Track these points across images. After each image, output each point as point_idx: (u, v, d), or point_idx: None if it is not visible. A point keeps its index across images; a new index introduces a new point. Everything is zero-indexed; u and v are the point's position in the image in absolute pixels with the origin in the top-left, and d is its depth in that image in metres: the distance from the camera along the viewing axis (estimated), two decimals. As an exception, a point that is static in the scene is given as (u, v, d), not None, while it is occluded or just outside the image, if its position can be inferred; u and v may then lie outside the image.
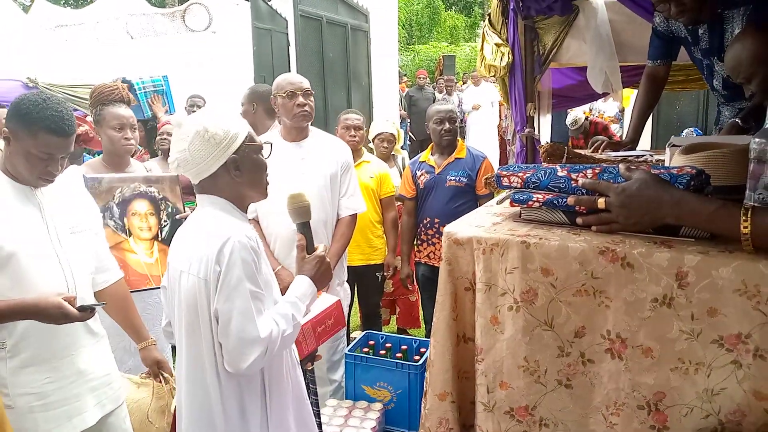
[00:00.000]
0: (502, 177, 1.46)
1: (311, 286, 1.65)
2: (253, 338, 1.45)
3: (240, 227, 1.53)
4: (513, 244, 1.32)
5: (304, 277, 1.65)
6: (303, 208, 1.71)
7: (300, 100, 2.74)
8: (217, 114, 1.60)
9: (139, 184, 2.71)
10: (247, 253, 1.48)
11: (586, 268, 1.23)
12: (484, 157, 3.50)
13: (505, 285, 1.33)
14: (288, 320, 1.54)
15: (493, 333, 1.36)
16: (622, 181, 1.25)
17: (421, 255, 3.56)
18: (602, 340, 1.24)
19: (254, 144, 1.61)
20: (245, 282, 1.46)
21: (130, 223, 2.67)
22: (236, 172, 1.57)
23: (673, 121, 6.87)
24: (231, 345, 1.47)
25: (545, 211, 1.40)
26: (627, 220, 1.24)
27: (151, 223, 2.72)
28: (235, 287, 1.46)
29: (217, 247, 1.47)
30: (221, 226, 1.53)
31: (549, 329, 1.29)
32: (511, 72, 3.27)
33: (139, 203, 2.71)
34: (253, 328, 1.46)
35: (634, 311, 1.19)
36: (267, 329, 1.47)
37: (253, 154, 1.60)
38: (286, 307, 1.57)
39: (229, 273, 1.46)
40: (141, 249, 2.68)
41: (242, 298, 1.46)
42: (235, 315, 1.46)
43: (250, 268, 1.48)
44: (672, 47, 2.49)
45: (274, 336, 1.48)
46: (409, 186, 3.56)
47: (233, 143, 1.55)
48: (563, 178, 1.35)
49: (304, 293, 1.62)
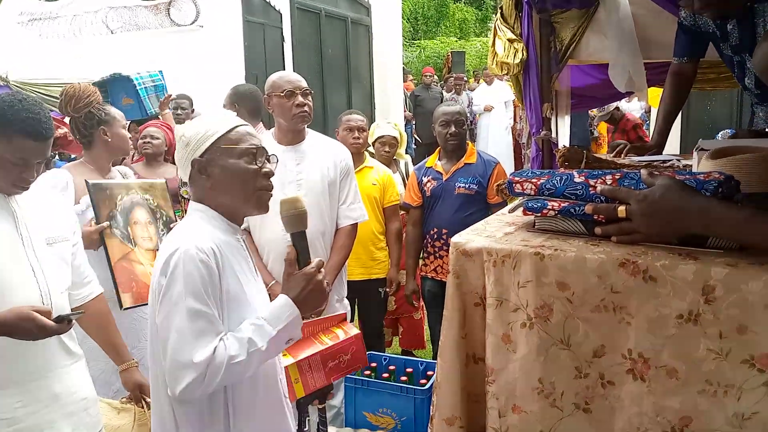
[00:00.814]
0: (514, 183, 1.48)
1: (290, 308, 1.55)
2: (186, 362, 1.43)
3: (197, 238, 1.51)
4: (526, 255, 1.33)
5: (283, 297, 1.57)
6: (298, 216, 1.62)
7: (299, 99, 2.77)
8: (205, 116, 1.65)
9: (135, 191, 2.76)
10: (193, 266, 1.46)
11: (605, 281, 1.25)
12: (496, 162, 3.53)
13: (518, 300, 1.35)
14: (242, 345, 1.47)
15: (505, 352, 1.37)
16: (645, 188, 1.27)
17: (428, 269, 3.58)
18: (623, 360, 1.25)
19: (233, 147, 1.58)
20: (187, 298, 1.45)
21: (133, 233, 2.70)
22: (203, 177, 1.59)
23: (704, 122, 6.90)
24: (167, 366, 1.47)
25: (561, 220, 1.42)
26: (649, 230, 1.25)
27: (151, 232, 2.75)
28: (175, 303, 1.46)
29: (164, 258, 1.50)
30: (179, 235, 1.56)
31: (565, 348, 1.30)
32: (526, 70, 3.29)
33: (139, 211, 2.75)
34: (187, 350, 1.43)
35: (658, 329, 1.21)
36: (205, 353, 1.43)
37: (229, 157, 1.58)
38: (246, 330, 1.51)
39: (172, 287, 1.47)
40: (147, 260, 2.71)
41: (180, 316, 1.45)
42: (172, 334, 1.45)
43: (196, 283, 1.46)
44: (699, 43, 2.51)
45: (216, 362, 1.43)
46: (414, 194, 3.59)
47: (201, 145, 1.58)
48: (581, 184, 1.37)
49: (277, 316, 1.53)
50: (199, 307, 1.46)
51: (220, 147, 1.58)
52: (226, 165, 1.58)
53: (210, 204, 1.62)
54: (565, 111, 3.62)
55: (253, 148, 1.61)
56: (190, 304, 1.45)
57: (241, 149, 1.60)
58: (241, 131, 1.62)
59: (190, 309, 1.45)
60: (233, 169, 1.59)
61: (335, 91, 7.62)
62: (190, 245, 1.49)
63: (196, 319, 1.45)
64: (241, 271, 1.61)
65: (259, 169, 1.61)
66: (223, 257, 1.54)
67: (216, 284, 1.50)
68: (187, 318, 1.45)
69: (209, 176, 1.59)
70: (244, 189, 1.60)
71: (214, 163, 1.58)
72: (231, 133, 1.61)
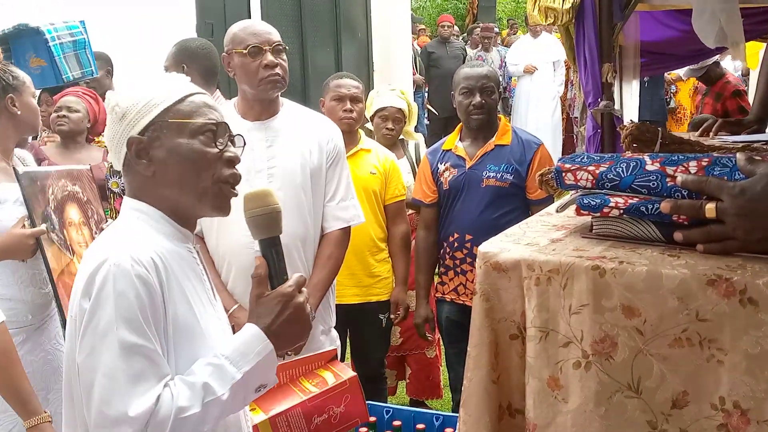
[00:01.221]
0: (564, 173, 1.49)
1: (261, 341, 1.53)
2: (118, 416, 1.40)
3: (133, 246, 1.51)
4: (581, 270, 1.34)
5: (251, 327, 1.55)
6: (269, 216, 1.59)
7: (268, 58, 2.78)
8: (147, 81, 1.63)
9: (66, 181, 2.77)
10: (127, 284, 1.45)
11: (688, 306, 1.25)
12: (539, 144, 3.54)
13: (570, 331, 1.35)
14: (195, 393, 1.46)
15: (553, 402, 1.37)
16: (742, 179, 1.27)
17: (446, 289, 3.59)
18: (713, 412, 1.25)
19: (185, 122, 1.57)
20: (119, 328, 1.43)
21: (69, 237, 2.72)
22: (143, 162, 1.58)
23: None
24: (91, 421, 1.44)
25: (628, 223, 1.42)
26: (749, 236, 1.26)
27: (86, 235, 2.78)
28: (103, 334, 1.44)
29: (87, 274, 1.49)
30: (107, 243, 1.55)
31: (635, 396, 1.30)
32: (579, 18, 3.31)
33: (72, 209, 2.77)
34: (120, 400, 1.40)
35: (761, 370, 1.21)
36: (144, 404, 1.40)
37: (179, 136, 1.57)
38: (201, 372, 1.49)
39: (98, 312, 1.45)
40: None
41: (110, 353, 1.42)
42: (98, 377, 1.42)
43: (131, 307, 1.44)
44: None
45: (160, 416, 1.41)
46: (427, 187, 3.60)
47: (142, 118, 1.57)
48: (654, 173, 1.38)
49: (242, 352, 1.51)
50: (135, 339, 1.44)
51: (166, 121, 1.57)
52: (175, 146, 1.57)
53: (151, 200, 1.61)
54: (632, 74, 3.64)
55: (213, 124, 1.60)
56: (123, 336, 1.43)
57: (197, 125, 1.58)
58: (196, 101, 1.61)
59: (124, 343, 1.43)
60: (185, 153, 1.57)
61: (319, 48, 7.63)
62: (123, 256, 1.47)
63: (131, 357, 1.43)
64: (193, 291, 1.61)
65: (219, 153, 1.60)
66: (169, 272, 1.53)
67: (158, 308, 1.49)
68: (120, 355, 1.43)
69: (151, 161, 1.58)
70: (199, 180, 1.59)
71: (159, 143, 1.57)
72: (183, 104, 1.59)
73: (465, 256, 3.47)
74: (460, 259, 3.51)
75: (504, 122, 3.60)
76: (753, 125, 2.54)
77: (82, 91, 4.29)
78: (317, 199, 2.91)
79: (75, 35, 4.72)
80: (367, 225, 3.31)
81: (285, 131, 2.88)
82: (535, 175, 3.34)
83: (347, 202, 2.99)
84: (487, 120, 3.49)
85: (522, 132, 3.65)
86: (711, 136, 2.43)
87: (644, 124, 2.05)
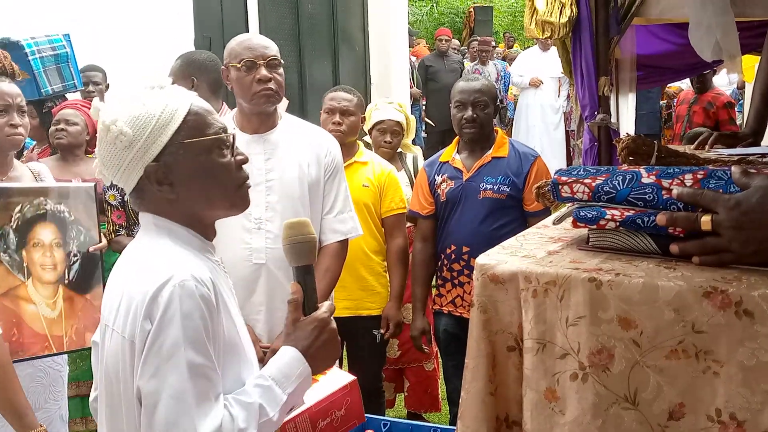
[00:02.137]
0: (561, 185, 1.49)
1: (301, 364, 1.56)
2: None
3: (188, 263, 1.51)
4: (577, 282, 1.34)
5: (291, 350, 1.57)
6: (306, 245, 1.64)
7: (262, 73, 2.79)
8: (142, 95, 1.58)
9: (45, 199, 2.73)
10: (193, 304, 1.44)
11: (684, 317, 1.26)
12: (536, 156, 3.55)
13: (567, 343, 1.36)
14: (251, 414, 1.47)
15: (550, 414, 1.38)
16: (737, 191, 1.28)
17: (443, 301, 3.59)
18: (710, 423, 1.26)
19: (197, 140, 1.56)
20: (186, 349, 1.42)
21: (29, 258, 2.67)
22: (164, 187, 1.55)
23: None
24: None
25: (624, 235, 1.43)
26: (744, 248, 1.26)
27: (57, 258, 2.74)
28: (168, 357, 1.42)
29: (149, 295, 1.45)
30: (159, 260, 1.52)
31: (631, 408, 1.31)
32: (576, 32, 3.32)
33: (44, 229, 2.72)
34: (189, 421, 1.40)
35: (756, 381, 1.21)
36: (212, 425, 1.42)
37: (197, 154, 1.56)
38: (254, 393, 1.51)
39: (162, 333, 1.43)
40: (41, 297, 2.69)
41: (178, 374, 1.41)
42: (164, 398, 1.41)
43: (197, 328, 1.44)
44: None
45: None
46: (424, 199, 3.60)
47: (152, 144, 1.53)
48: (650, 186, 1.39)
49: (287, 374, 1.54)
50: (202, 360, 1.44)
51: (181, 143, 1.55)
52: (196, 166, 1.56)
53: (174, 218, 1.59)
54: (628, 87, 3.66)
55: (221, 132, 1.60)
56: (190, 357, 1.42)
57: (209, 141, 1.57)
58: (198, 111, 1.58)
59: (192, 364, 1.42)
60: (207, 170, 1.57)
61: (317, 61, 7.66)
62: (186, 275, 1.46)
63: (198, 379, 1.43)
64: (232, 306, 1.62)
65: (234, 159, 1.62)
66: (218, 290, 1.53)
67: (217, 328, 1.50)
68: (189, 377, 1.41)
69: (172, 185, 1.56)
70: (225, 192, 1.61)
71: (178, 167, 1.55)
72: (189, 119, 1.56)
73: (462, 268, 3.47)
74: (457, 271, 3.51)
75: (501, 134, 3.60)
76: (748, 138, 2.55)
77: (81, 103, 4.30)
78: (315, 212, 2.91)
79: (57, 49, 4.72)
80: (359, 237, 3.31)
81: (283, 144, 2.89)
82: (532, 187, 3.36)
83: (345, 215, 2.99)
84: (481, 133, 3.49)
85: (519, 144, 3.67)
86: (707, 149, 2.45)
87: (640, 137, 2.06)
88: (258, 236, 2.78)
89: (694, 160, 2.04)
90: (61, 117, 4.00)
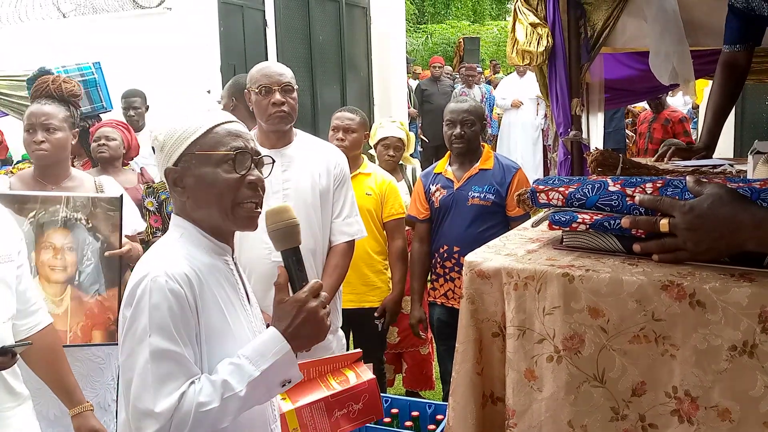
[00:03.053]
0: (538, 193, 1.50)
1: (278, 342, 1.51)
2: (146, 410, 1.43)
3: (170, 262, 1.51)
4: (553, 277, 1.35)
5: (271, 329, 1.54)
6: (288, 229, 1.57)
7: (276, 97, 2.79)
8: (182, 114, 1.64)
9: (62, 207, 2.71)
10: (161, 297, 1.46)
11: (645, 307, 1.26)
12: (517, 168, 3.55)
13: (544, 329, 1.36)
14: (215, 390, 1.46)
15: (529, 391, 1.38)
16: (691, 198, 1.29)
17: (437, 294, 3.59)
18: (667, 399, 1.26)
19: (208, 153, 1.57)
20: (152, 335, 1.45)
21: (38, 259, 2.66)
22: (178, 188, 1.60)
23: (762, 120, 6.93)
24: (130, 413, 1.47)
25: (593, 236, 1.44)
26: (697, 247, 1.27)
27: (68, 260, 2.71)
28: (139, 340, 1.46)
29: (130, 287, 1.50)
30: (151, 258, 1.56)
31: (600, 385, 1.31)
32: (551, 59, 3.32)
33: (57, 234, 2.70)
34: (148, 397, 1.43)
35: (707, 362, 1.22)
36: (168, 402, 1.42)
37: (205, 166, 1.57)
38: (222, 371, 1.49)
39: (136, 321, 1.47)
40: (47, 295, 2.67)
41: (143, 357, 1.45)
42: (135, 376, 1.45)
43: (163, 317, 1.45)
44: (753, 28, 2.54)
45: (182, 411, 1.42)
46: (420, 205, 3.61)
47: (174, 151, 1.58)
48: (616, 193, 1.39)
49: (261, 353, 1.50)
50: (166, 346, 1.45)
51: (194, 153, 1.57)
52: (202, 175, 1.57)
53: (191, 219, 1.62)
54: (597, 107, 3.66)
55: (233, 153, 1.58)
56: (155, 342, 1.44)
57: (219, 156, 1.57)
58: (220, 132, 1.60)
59: (155, 349, 1.44)
60: (210, 180, 1.57)
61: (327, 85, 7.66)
62: (160, 271, 1.48)
63: (160, 361, 1.44)
64: (226, 299, 1.61)
65: (241, 178, 1.58)
66: (203, 285, 1.54)
67: (188, 318, 1.49)
68: (151, 359, 1.44)
69: (185, 188, 1.59)
70: (222, 203, 1.58)
71: (189, 173, 1.58)
72: (209, 135, 1.58)
73: (453, 265, 3.47)
74: (449, 267, 3.51)
75: (487, 149, 3.61)
76: (702, 152, 2.55)
77: (116, 122, 4.31)
78: (325, 216, 2.92)
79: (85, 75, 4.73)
80: (362, 239, 3.32)
81: (298, 158, 2.89)
82: (513, 195, 3.36)
83: (351, 219, 3.00)
84: (468, 148, 3.50)
85: (503, 158, 3.67)
86: (665, 161, 2.45)
87: (608, 151, 2.07)
88: (276, 238, 2.78)
89: (654, 171, 2.05)
90: (101, 134, 4.00)
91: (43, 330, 2.19)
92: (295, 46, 6.78)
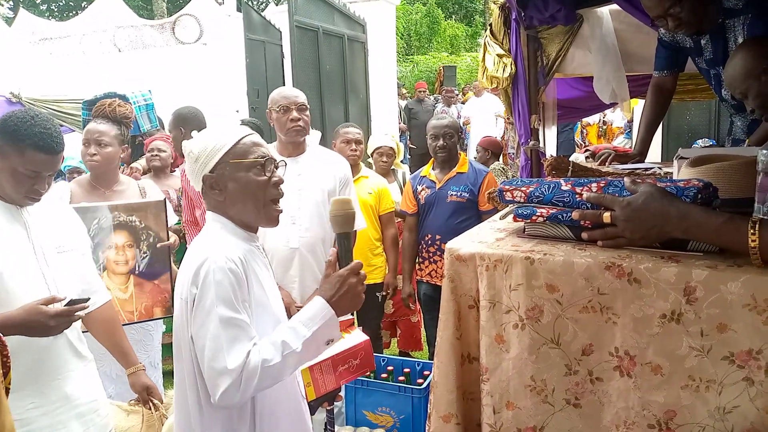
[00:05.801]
0: (505, 192, 1.50)
1: (324, 308, 1.51)
2: (221, 369, 1.42)
3: (224, 248, 1.51)
4: (517, 260, 1.35)
5: (318, 299, 1.53)
6: (346, 217, 1.59)
7: (293, 114, 2.80)
8: (210, 130, 1.63)
9: (119, 213, 2.71)
10: (223, 275, 1.45)
11: (592, 284, 1.26)
12: (487, 171, 3.55)
13: (510, 302, 1.36)
14: (276, 348, 1.45)
15: (499, 352, 1.38)
16: (628, 195, 1.28)
17: (423, 273, 3.59)
18: (610, 357, 1.26)
19: (240, 161, 1.57)
20: (219, 306, 1.44)
21: (105, 257, 2.67)
22: (215, 191, 1.58)
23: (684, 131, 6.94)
24: (205, 374, 1.46)
25: (549, 226, 1.44)
26: (633, 235, 1.27)
27: (129, 255, 2.72)
28: (208, 312, 1.45)
29: (194, 269, 1.48)
30: (206, 245, 1.54)
31: (556, 347, 1.31)
32: (515, 83, 3.32)
33: (118, 235, 2.71)
34: (221, 357, 1.42)
35: (642, 328, 1.22)
36: (238, 359, 1.42)
37: (239, 171, 1.57)
38: (281, 332, 1.49)
39: (204, 296, 1.45)
40: (114, 284, 2.68)
41: (214, 324, 1.44)
42: (207, 342, 1.44)
43: (226, 291, 1.45)
44: (678, 57, 2.54)
45: (250, 366, 1.42)
46: (410, 201, 3.60)
47: (210, 161, 1.57)
48: (567, 192, 1.39)
49: (311, 317, 1.50)
50: (231, 314, 1.44)
51: (228, 162, 1.57)
52: (237, 179, 1.57)
53: (225, 215, 1.61)
54: (551, 122, 3.65)
55: (262, 159, 1.60)
56: (222, 312, 1.44)
57: (249, 162, 1.58)
58: (247, 143, 1.60)
59: (223, 317, 1.43)
60: (244, 183, 1.57)
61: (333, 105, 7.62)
62: (219, 255, 1.48)
63: (228, 327, 1.43)
64: (264, 276, 1.61)
65: (268, 179, 1.60)
66: (247, 265, 1.53)
67: (244, 291, 1.49)
68: (220, 326, 1.43)
69: (221, 191, 1.58)
70: (256, 200, 1.59)
71: (225, 178, 1.57)
72: (238, 146, 1.58)
73: (436, 250, 3.47)
74: (432, 252, 3.51)
75: (463, 156, 3.61)
76: (636, 157, 2.55)
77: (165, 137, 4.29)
78: (332, 212, 2.92)
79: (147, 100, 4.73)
80: (365, 229, 3.31)
81: (310, 164, 2.89)
82: (484, 193, 3.37)
83: (353, 213, 3.00)
84: (449, 155, 3.50)
85: (476, 163, 3.68)
86: (606, 165, 2.45)
87: (560, 157, 2.06)
88: (293, 229, 2.78)
89: (598, 173, 2.04)
90: (154, 146, 3.98)
91: (102, 306, 2.18)
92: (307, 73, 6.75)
